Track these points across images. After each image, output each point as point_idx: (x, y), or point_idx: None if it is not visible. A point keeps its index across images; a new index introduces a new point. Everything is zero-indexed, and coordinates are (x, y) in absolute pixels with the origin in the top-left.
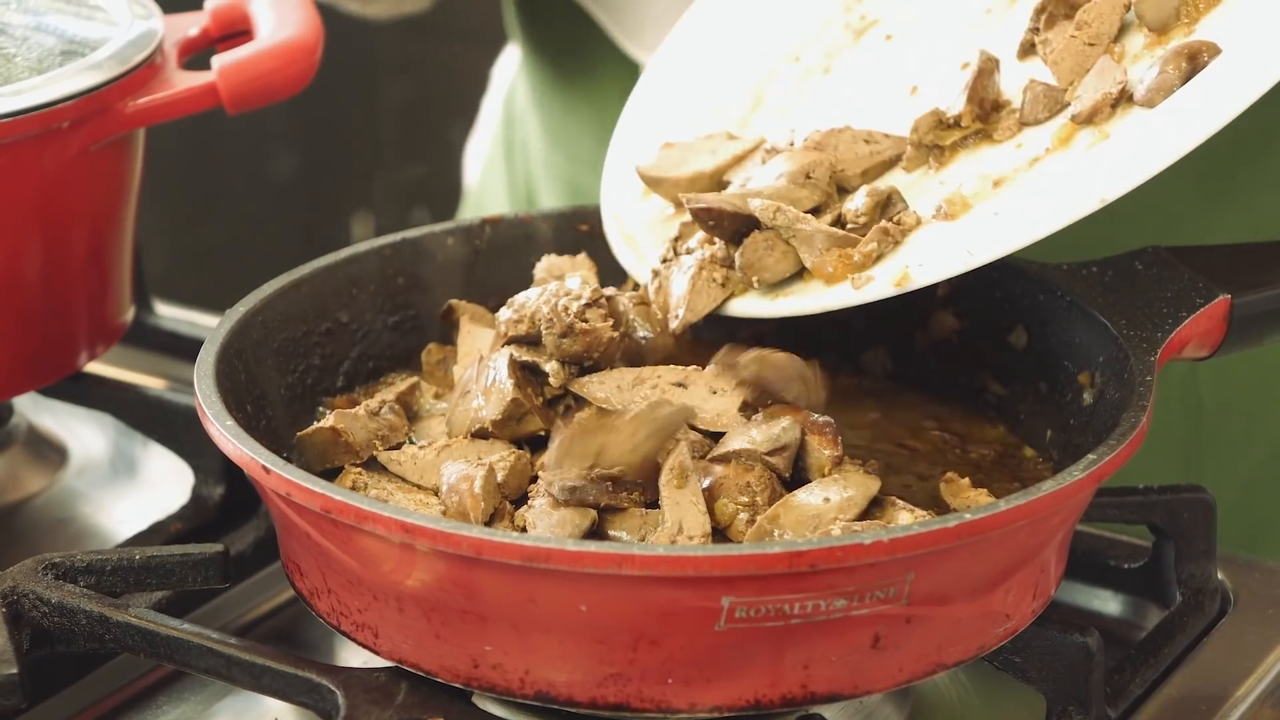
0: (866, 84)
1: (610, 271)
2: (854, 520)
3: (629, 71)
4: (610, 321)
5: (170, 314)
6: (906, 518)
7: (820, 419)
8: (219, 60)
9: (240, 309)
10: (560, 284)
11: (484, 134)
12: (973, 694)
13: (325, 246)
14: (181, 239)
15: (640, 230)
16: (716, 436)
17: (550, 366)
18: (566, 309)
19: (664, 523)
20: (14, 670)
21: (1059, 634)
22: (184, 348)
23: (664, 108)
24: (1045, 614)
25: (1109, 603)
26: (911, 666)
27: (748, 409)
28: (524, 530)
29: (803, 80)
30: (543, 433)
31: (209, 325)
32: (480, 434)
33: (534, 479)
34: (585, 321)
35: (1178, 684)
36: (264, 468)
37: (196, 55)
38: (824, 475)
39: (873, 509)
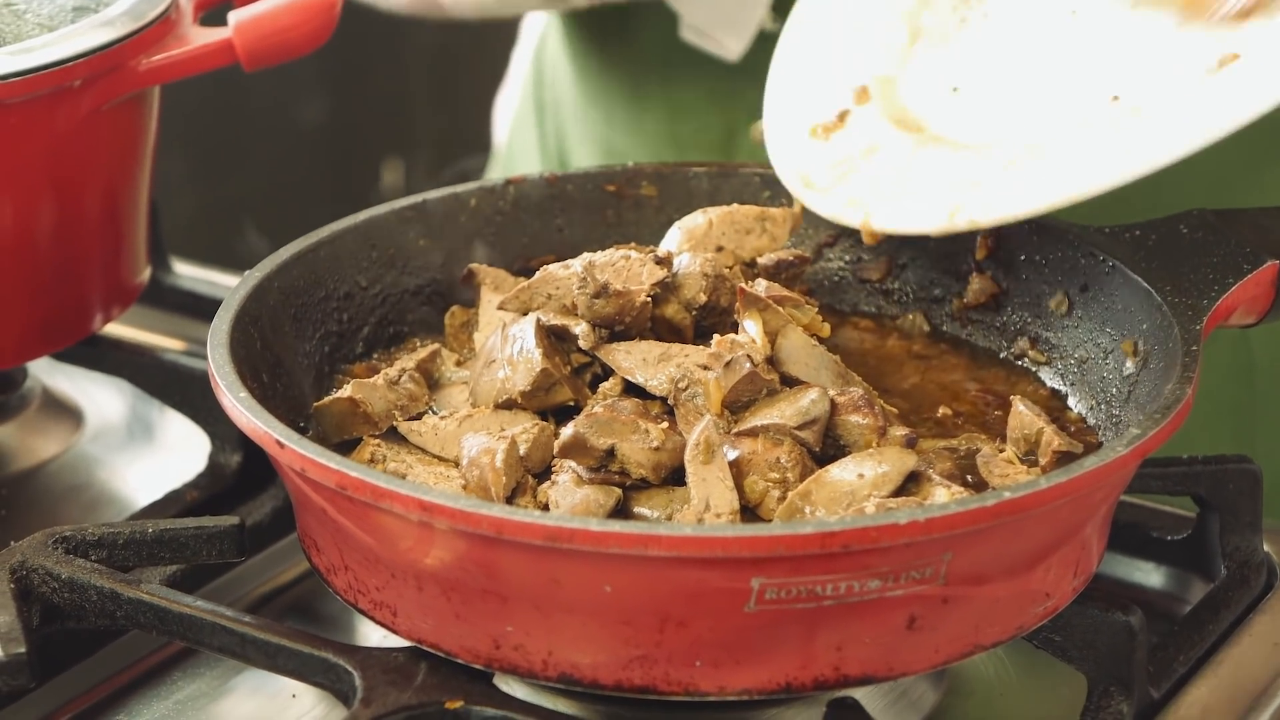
0: (1026, 11)
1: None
2: (889, 496)
3: (668, 28)
4: (645, 286)
5: (189, 273)
6: (943, 494)
7: (852, 391)
8: (235, 16)
9: (256, 274)
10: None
11: (513, 91)
12: (1011, 672)
13: (353, 194)
14: (207, 188)
15: (820, 171)
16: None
17: (580, 328)
18: (628, 269)
19: (691, 500)
20: (22, 649)
21: (1100, 612)
22: (203, 308)
23: (813, 53)
24: (1086, 589)
25: (1151, 575)
26: (948, 648)
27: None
28: (546, 506)
29: (961, 7)
30: (571, 403)
31: (228, 285)
32: (506, 404)
33: None
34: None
35: (1223, 661)
36: (278, 442)
37: (212, 10)
38: (868, 448)
39: (908, 484)
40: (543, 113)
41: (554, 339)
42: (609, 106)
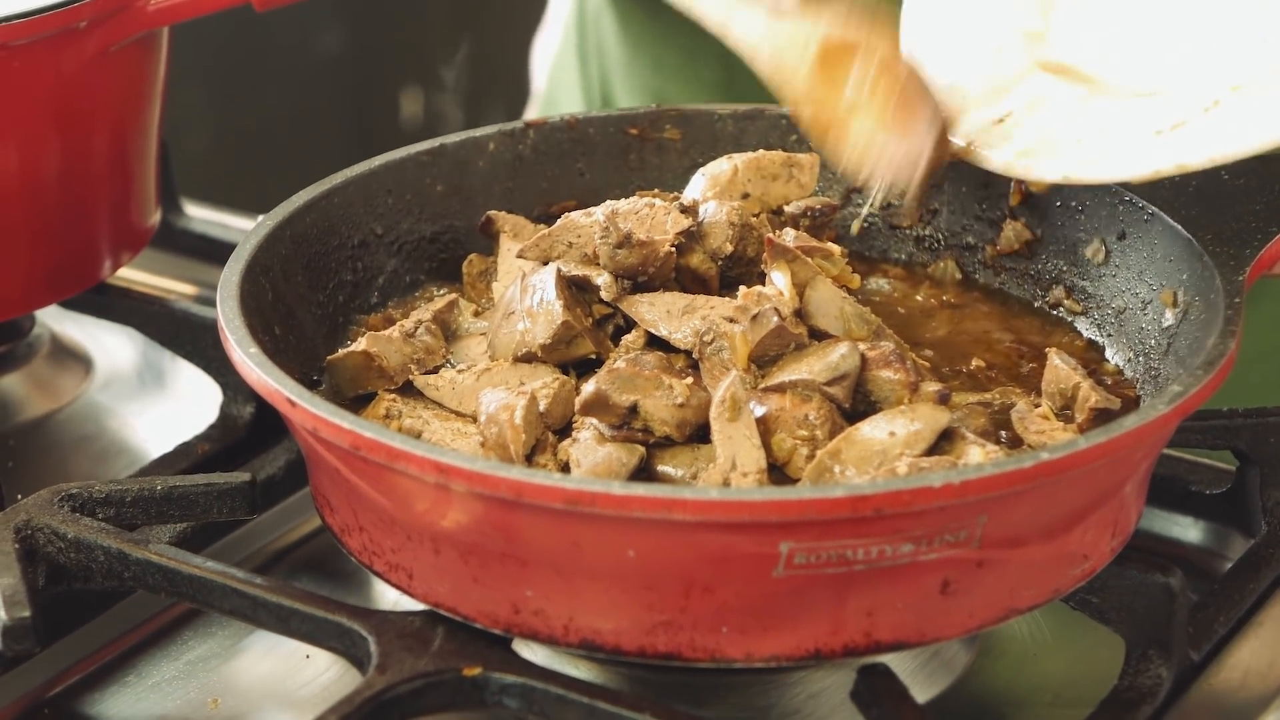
0: None
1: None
2: (921, 456)
3: None
4: (670, 235)
5: (200, 215)
6: (978, 454)
7: (883, 345)
8: None
9: (268, 222)
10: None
11: (553, 33)
12: (1046, 632)
13: (373, 126)
14: (223, 119)
15: (984, 128)
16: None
17: (603, 279)
18: (650, 218)
19: (716, 458)
20: (27, 614)
21: (1139, 574)
22: (215, 251)
23: (945, 10)
24: (1123, 548)
25: (1189, 530)
26: (983, 613)
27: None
28: (567, 465)
29: None
30: (593, 356)
31: (240, 227)
32: (526, 358)
33: None
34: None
35: (1264, 621)
36: (289, 400)
37: None
38: (900, 404)
39: (941, 442)
40: (585, 57)
41: (575, 290)
42: (659, 54)
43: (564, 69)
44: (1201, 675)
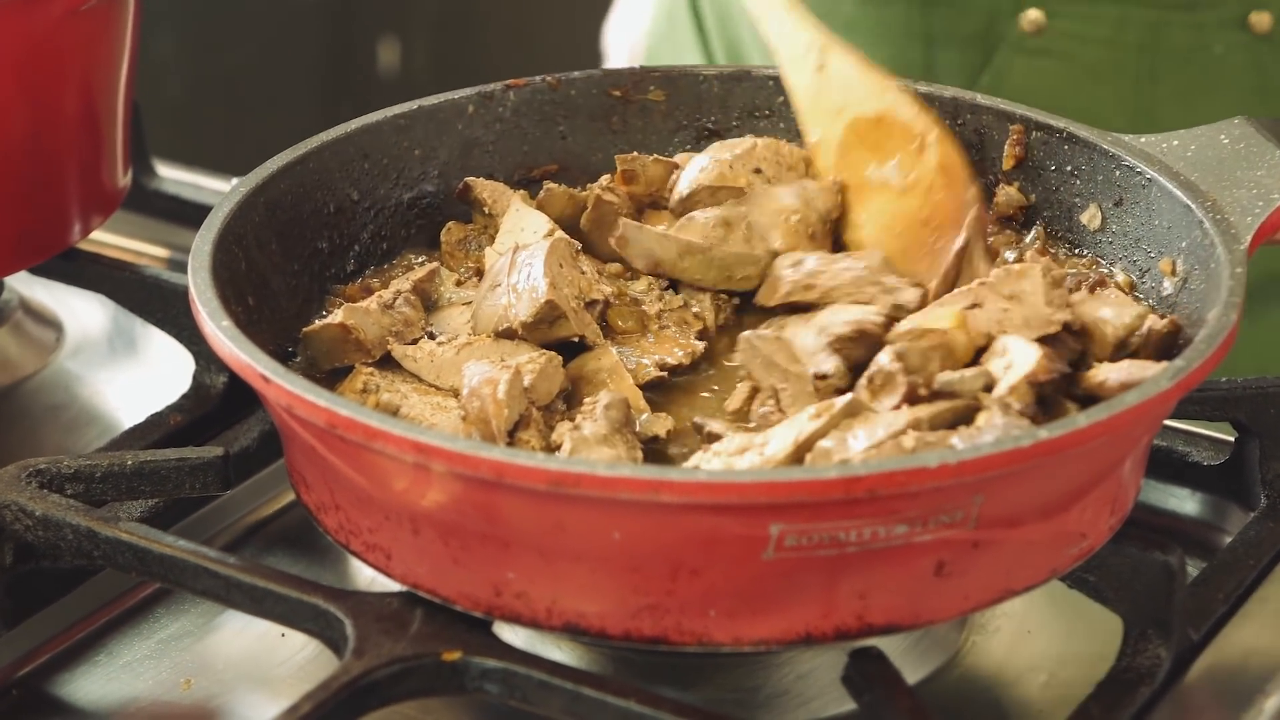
0: None
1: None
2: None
3: None
4: None
5: (172, 176)
6: (999, 419)
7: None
8: None
9: (240, 189)
10: None
11: (635, 10)
12: (1041, 609)
13: (349, 76)
14: (195, 69)
15: None
16: None
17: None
18: None
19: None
20: None
21: (1138, 551)
22: (188, 213)
23: None
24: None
25: (1186, 502)
26: (978, 594)
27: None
28: (550, 444)
29: None
30: (576, 339)
31: (213, 188)
32: (506, 334)
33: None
34: None
35: (1265, 598)
36: (263, 376)
37: None
38: None
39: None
40: (704, 28)
41: (578, 269)
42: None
43: (673, 37)
44: (1201, 654)
